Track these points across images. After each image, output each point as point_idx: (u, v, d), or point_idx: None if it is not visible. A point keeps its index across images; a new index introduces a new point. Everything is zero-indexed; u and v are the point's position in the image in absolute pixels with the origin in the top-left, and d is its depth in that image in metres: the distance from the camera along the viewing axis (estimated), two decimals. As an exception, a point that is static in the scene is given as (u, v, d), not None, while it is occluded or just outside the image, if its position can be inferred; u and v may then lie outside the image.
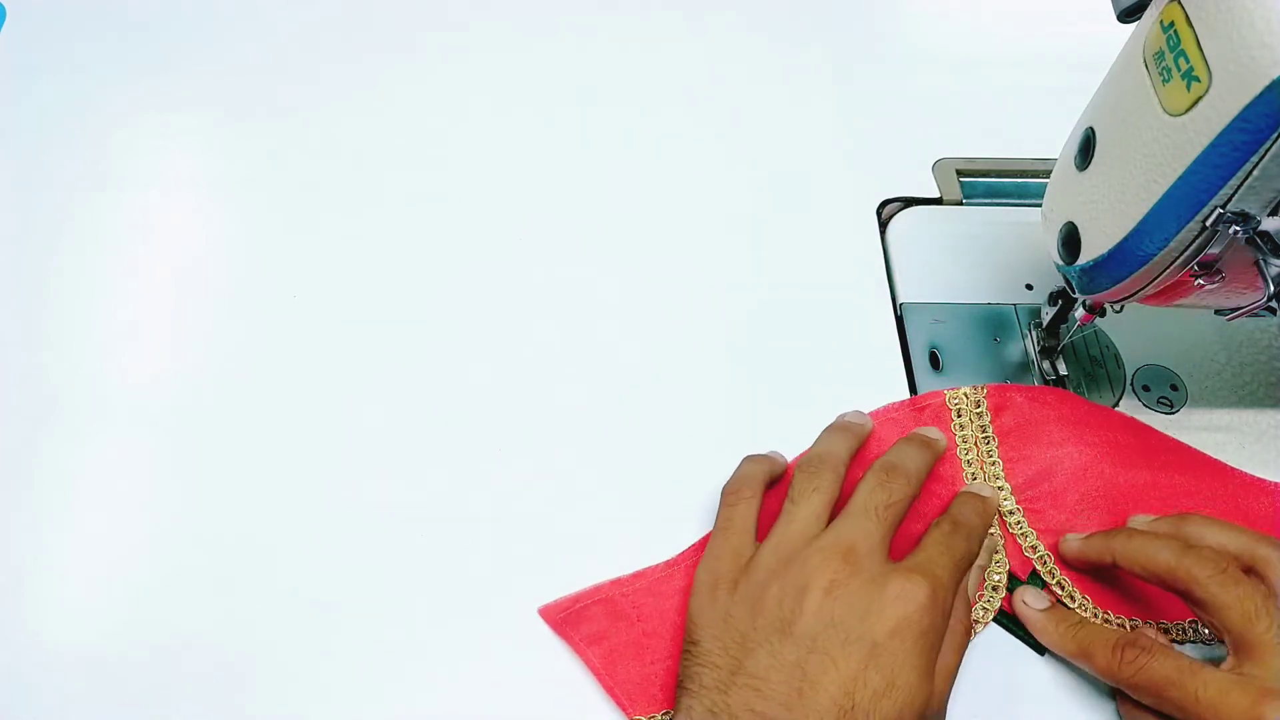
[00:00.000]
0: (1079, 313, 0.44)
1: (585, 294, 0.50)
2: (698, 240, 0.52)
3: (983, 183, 0.55)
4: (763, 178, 0.55)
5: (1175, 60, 0.33)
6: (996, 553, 0.41)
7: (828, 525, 0.38)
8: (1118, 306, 0.42)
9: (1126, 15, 0.36)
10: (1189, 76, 0.32)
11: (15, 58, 0.59)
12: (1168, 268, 0.36)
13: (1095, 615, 0.40)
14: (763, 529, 0.39)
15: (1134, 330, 0.49)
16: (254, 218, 0.53)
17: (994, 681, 0.40)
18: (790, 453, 0.44)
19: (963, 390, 0.46)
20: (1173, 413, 0.47)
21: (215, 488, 0.44)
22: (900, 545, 0.38)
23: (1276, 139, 0.30)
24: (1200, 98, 0.32)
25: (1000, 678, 0.40)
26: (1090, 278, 0.39)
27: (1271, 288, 0.34)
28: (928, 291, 0.50)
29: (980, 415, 0.45)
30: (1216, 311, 0.40)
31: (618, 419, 0.46)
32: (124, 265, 0.51)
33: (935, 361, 0.48)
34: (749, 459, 0.43)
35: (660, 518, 0.43)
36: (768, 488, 0.42)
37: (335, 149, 0.56)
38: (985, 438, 0.44)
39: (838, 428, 0.44)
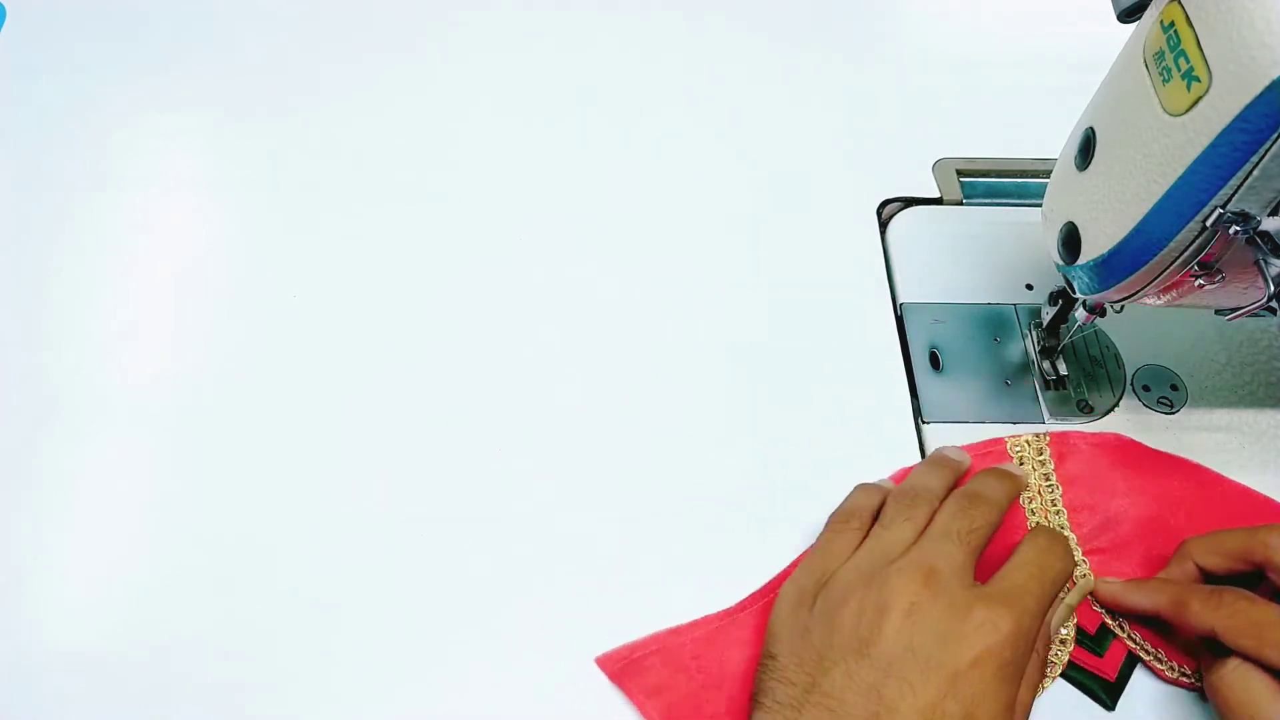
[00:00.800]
0: (1079, 313, 0.44)
1: (585, 294, 0.50)
2: (698, 240, 0.52)
3: (983, 183, 0.55)
4: (763, 178, 0.55)
5: (1175, 60, 0.33)
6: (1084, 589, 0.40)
7: None
8: (1118, 306, 0.42)
9: (1126, 15, 0.36)
10: (1189, 76, 0.32)
11: (15, 58, 0.59)
12: (1168, 268, 0.36)
13: (1172, 670, 0.39)
14: None
15: (1134, 330, 0.49)
16: (254, 218, 0.53)
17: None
18: (801, 457, 0.44)
19: (1024, 437, 0.45)
20: (1173, 413, 0.47)
21: (215, 487, 0.44)
22: (980, 577, 0.37)
23: (1276, 139, 0.30)
24: (1200, 98, 0.32)
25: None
26: (1090, 278, 0.39)
27: (1271, 288, 0.34)
28: (928, 291, 0.50)
29: (1043, 463, 0.44)
30: (1216, 311, 0.40)
31: (618, 419, 0.46)
32: (124, 265, 0.51)
33: (935, 361, 0.48)
34: (862, 488, 0.42)
35: (660, 518, 0.43)
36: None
37: (335, 149, 0.56)
38: (1049, 485, 0.44)
39: (935, 461, 0.42)
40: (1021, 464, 0.44)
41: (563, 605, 0.41)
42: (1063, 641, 0.40)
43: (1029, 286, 0.50)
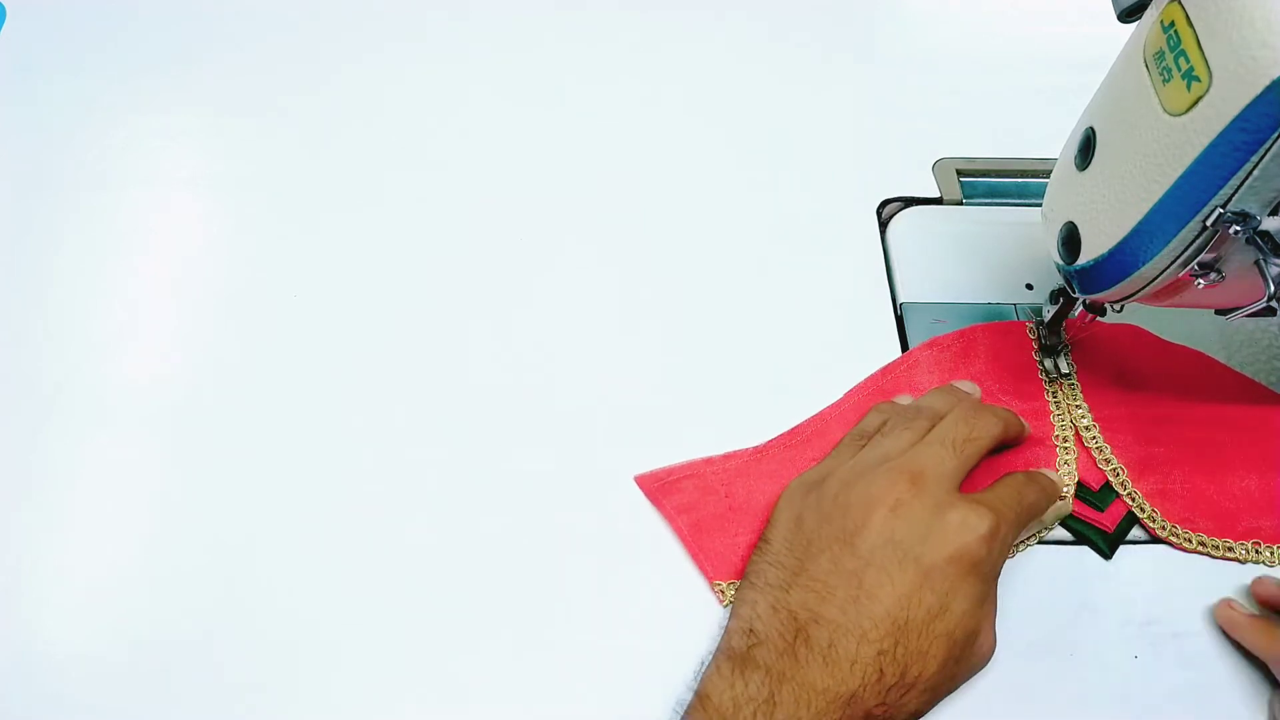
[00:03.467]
0: (1080, 312, 0.44)
1: (585, 293, 0.50)
2: (698, 240, 0.52)
3: (983, 183, 0.55)
4: (763, 177, 0.55)
5: (1175, 60, 0.33)
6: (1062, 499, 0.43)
7: None
8: (1118, 306, 0.42)
9: (1126, 15, 0.36)
10: (1189, 76, 0.32)
11: (15, 58, 0.59)
12: (1168, 267, 0.36)
13: (1164, 528, 0.42)
14: None
15: (1134, 330, 0.48)
16: (254, 217, 0.53)
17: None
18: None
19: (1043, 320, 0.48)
20: (1173, 413, 0.47)
21: (215, 487, 0.44)
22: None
23: (1276, 139, 0.30)
24: (1200, 98, 0.32)
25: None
26: (1090, 278, 0.39)
27: (1271, 288, 0.34)
28: (928, 291, 0.50)
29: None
30: (1217, 311, 0.40)
31: (617, 419, 0.46)
32: (124, 265, 0.51)
33: (935, 361, 0.48)
34: (877, 409, 0.44)
35: (660, 519, 0.43)
36: None
37: (335, 148, 0.56)
38: (1066, 362, 0.47)
39: (947, 388, 0.45)
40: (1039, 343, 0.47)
41: (568, 604, 0.41)
42: (1062, 496, 0.42)
43: (1029, 286, 0.50)
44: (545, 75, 0.59)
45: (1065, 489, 0.43)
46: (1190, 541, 0.42)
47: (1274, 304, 0.35)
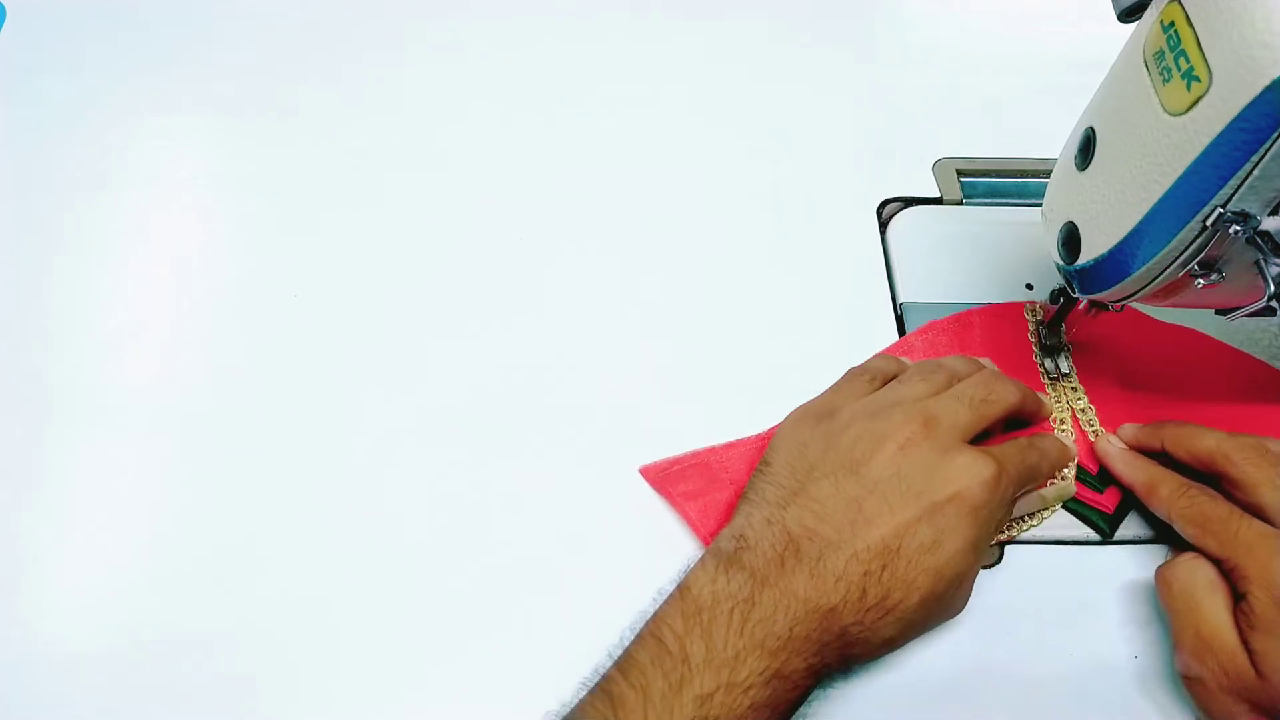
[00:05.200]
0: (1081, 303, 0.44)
1: (585, 294, 0.50)
2: (699, 240, 0.52)
3: (983, 183, 0.55)
4: (763, 177, 0.55)
5: (1175, 60, 0.33)
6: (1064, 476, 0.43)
7: None
8: (1118, 306, 0.42)
9: (1126, 15, 0.36)
10: (1189, 76, 0.32)
11: (15, 58, 0.59)
12: (1168, 267, 0.36)
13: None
14: None
15: (1134, 330, 0.48)
16: (254, 217, 0.53)
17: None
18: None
19: (1039, 303, 0.49)
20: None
21: (215, 487, 0.44)
22: None
23: (1276, 139, 0.30)
24: (1200, 98, 0.32)
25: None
26: (1090, 277, 0.39)
27: (1271, 288, 0.34)
28: (928, 291, 0.50)
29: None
30: (1217, 311, 0.40)
31: (618, 419, 0.46)
32: (124, 265, 0.51)
33: (935, 361, 0.48)
34: (882, 355, 0.46)
35: (659, 519, 0.43)
36: None
37: (336, 148, 0.56)
38: (1066, 362, 0.47)
39: (967, 357, 0.45)
40: (1036, 324, 0.48)
41: (569, 603, 0.41)
42: (1063, 478, 0.43)
43: (1029, 286, 0.50)
44: (545, 75, 0.59)
45: (1067, 470, 0.43)
46: None
47: (1274, 304, 0.35)
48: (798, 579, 0.34)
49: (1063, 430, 0.45)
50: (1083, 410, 0.45)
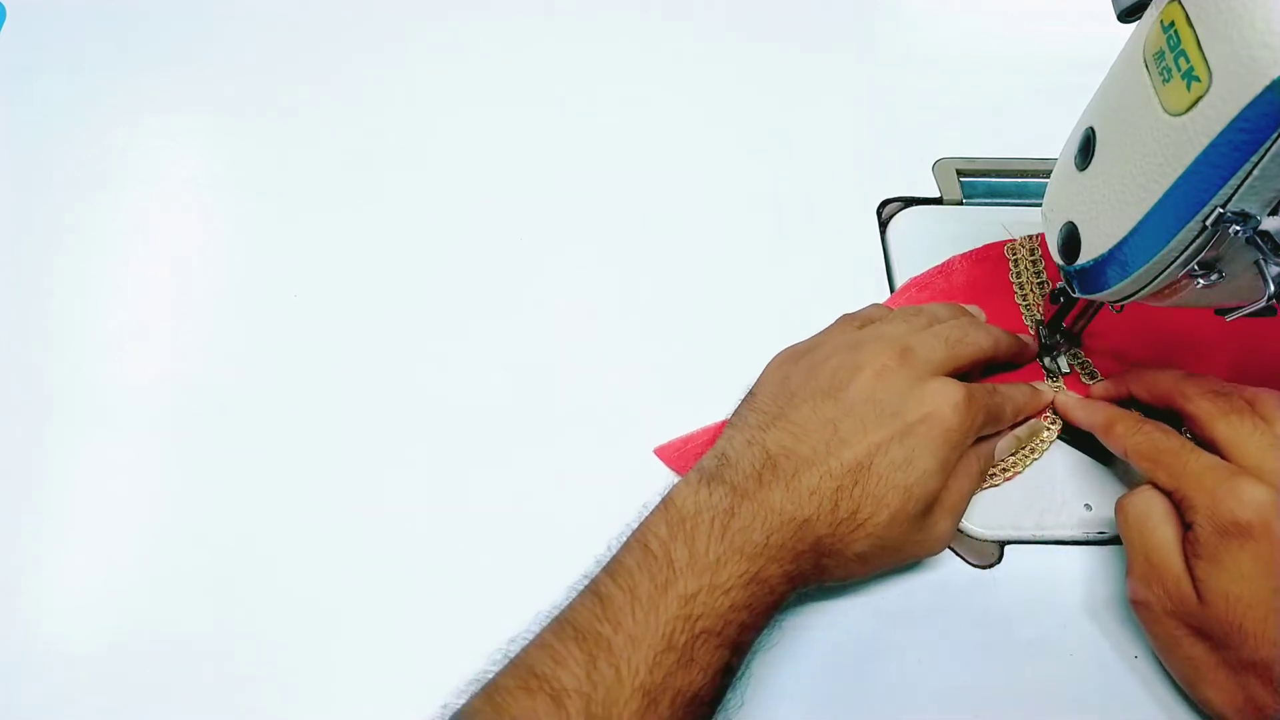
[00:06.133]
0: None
1: (585, 294, 0.50)
2: (699, 240, 0.52)
3: (983, 183, 0.55)
4: (763, 178, 0.55)
5: (1175, 60, 0.33)
6: (1047, 430, 0.45)
7: None
8: (1118, 306, 0.42)
9: (1126, 15, 0.36)
10: (1189, 76, 0.32)
11: (15, 58, 0.59)
12: (1168, 268, 0.36)
13: None
14: None
15: (1134, 330, 0.48)
16: (254, 217, 0.53)
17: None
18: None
19: (1018, 240, 0.50)
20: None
21: (215, 487, 0.44)
22: None
23: (1276, 139, 0.30)
24: (1200, 98, 0.32)
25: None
26: (1090, 277, 0.39)
27: (1271, 288, 0.34)
28: (928, 291, 0.50)
29: (1035, 262, 0.49)
30: (1217, 311, 0.40)
31: (618, 419, 0.46)
32: (124, 265, 0.51)
33: (935, 361, 0.48)
34: (875, 305, 0.47)
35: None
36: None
37: (335, 148, 0.56)
38: (1040, 283, 0.49)
39: (949, 304, 0.47)
40: (1016, 265, 0.49)
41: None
42: (1053, 422, 0.45)
43: (1029, 286, 0.50)
44: (545, 75, 0.59)
45: (1050, 423, 0.44)
46: None
47: (1274, 304, 0.35)
48: (774, 493, 0.36)
49: (1056, 386, 0.45)
50: (1082, 364, 0.46)
